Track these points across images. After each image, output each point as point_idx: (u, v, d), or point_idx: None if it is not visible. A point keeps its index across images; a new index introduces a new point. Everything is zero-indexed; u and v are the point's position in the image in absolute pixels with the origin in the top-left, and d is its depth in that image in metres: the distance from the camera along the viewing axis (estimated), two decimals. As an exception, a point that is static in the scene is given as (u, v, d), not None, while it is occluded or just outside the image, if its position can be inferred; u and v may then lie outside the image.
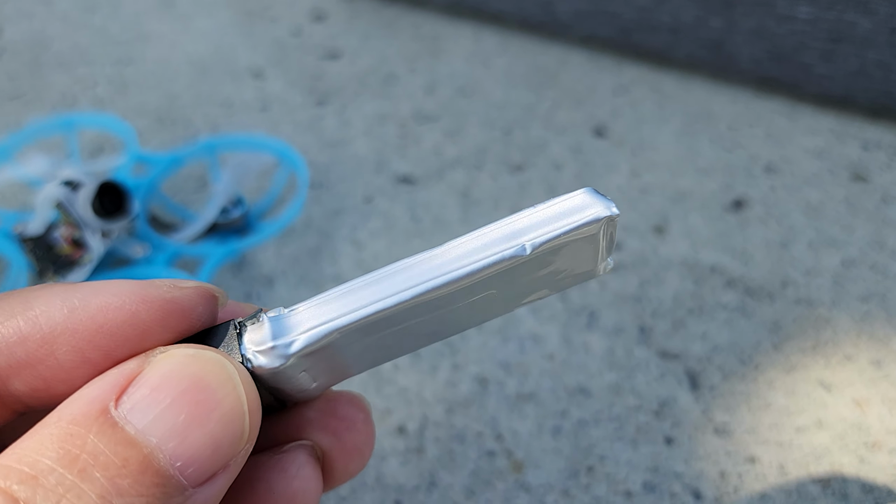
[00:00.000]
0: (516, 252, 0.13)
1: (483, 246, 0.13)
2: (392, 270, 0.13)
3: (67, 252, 0.32)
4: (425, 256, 0.13)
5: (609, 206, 0.13)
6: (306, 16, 0.50)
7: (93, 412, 0.11)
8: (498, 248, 0.13)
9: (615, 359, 0.30)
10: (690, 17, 0.39)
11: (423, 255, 0.13)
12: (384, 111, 0.43)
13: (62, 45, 0.50)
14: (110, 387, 0.11)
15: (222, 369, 0.12)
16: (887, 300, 0.32)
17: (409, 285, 0.13)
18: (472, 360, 0.30)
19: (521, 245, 0.13)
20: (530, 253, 0.13)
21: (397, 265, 0.13)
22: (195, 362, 0.11)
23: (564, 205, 0.13)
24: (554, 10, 0.43)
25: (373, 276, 0.13)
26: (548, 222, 0.13)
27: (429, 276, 0.13)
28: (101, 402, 0.11)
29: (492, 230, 0.13)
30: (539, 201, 0.14)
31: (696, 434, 0.28)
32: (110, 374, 0.11)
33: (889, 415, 0.28)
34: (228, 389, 0.11)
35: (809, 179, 0.38)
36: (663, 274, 0.33)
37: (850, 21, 0.36)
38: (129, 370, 0.11)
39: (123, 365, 0.11)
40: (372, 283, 0.13)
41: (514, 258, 0.13)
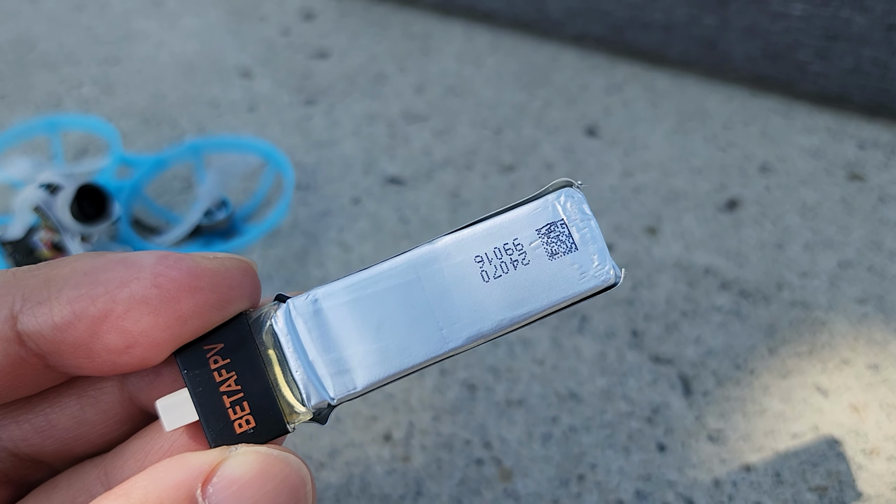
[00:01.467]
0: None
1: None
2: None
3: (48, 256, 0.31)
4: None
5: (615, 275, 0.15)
6: (295, 14, 0.50)
7: (180, 498, 0.11)
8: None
9: (607, 364, 0.29)
10: (683, 15, 0.39)
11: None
12: (373, 111, 0.42)
13: (48, 45, 0.50)
14: (197, 473, 0.12)
15: (300, 474, 0.13)
16: (885, 302, 0.31)
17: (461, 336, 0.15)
18: (460, 365, 0.30)
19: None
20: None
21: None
22: (279, 464, 0.12)
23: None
24: (545, 8, 0.43)
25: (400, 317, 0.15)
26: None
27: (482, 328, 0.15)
28: (189, 489, 0.11)
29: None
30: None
31: (689, 441, 0.27)
32: (193, 458, 0.12)
33: (887, 420, 0.27)
34: (303, 493, 0.13)
35: (805, 179, 0.37)
36: (656, 276, 0.33)
37: (845, 18, 0.35)
38: (212, 458, 0.12)
39: (207, 453, 0.12)
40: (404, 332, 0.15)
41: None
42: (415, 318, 0.15)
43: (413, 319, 0.15)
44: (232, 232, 0.35)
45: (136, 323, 0.13)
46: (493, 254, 0.15)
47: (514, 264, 0.15)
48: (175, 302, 0.13)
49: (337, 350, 0.15)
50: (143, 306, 0.13)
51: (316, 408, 0.14)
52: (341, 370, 0.15)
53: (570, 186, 0.15)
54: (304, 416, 0.14)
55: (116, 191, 0.34)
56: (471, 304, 0.15)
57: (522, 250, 0.15)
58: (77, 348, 0.13)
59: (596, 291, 0.15)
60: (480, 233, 0.15)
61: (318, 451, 0.27)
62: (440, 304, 0.15)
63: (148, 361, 0.13)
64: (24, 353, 0.13)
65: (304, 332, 0.15)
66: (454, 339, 0.15)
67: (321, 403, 0.14)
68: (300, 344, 0.15)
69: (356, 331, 0.15)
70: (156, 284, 0.13)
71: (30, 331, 0.13)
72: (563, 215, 0.15)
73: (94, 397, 0.14)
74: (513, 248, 0.15)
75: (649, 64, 0.44)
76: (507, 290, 0.15)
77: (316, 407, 0.14)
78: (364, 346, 0.15)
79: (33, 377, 0.13)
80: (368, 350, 0.15)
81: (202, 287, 0.13)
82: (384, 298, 0.15)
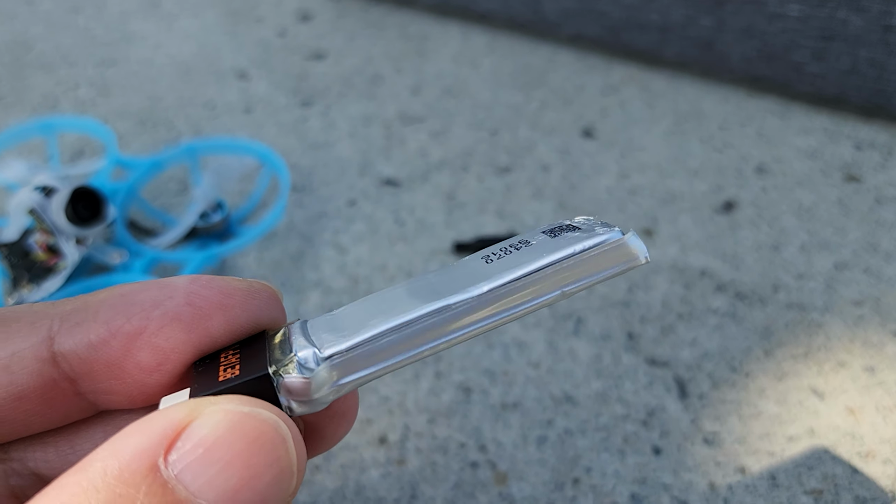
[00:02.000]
0: (556, 297, 0.15)
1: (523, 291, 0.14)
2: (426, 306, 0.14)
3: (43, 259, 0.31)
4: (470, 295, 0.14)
5: (642, 253, 0.15)
6: (292, 16, 0.50)
7: (142, 468, 0.10)
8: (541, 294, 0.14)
9: (602, 366, 0.29)
10: (680, 16, 0.39)
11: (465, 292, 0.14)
12: (369, 112, 0.42)
13: (45, 47, 0.49)
14: (159, 438, 0.11)
15: (277, 431, 0.11)
16: (881, 304, 0.31)
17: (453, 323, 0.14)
18: (455, 367, 0.29)
19: (560, 292, 0.14)
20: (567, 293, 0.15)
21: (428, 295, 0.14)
22: (250, 422, 0.11)
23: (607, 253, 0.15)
24: (541, 9, 0.43)
25: (403, 311, 0.14)
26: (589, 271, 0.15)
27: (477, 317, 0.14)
28: (150, 457, 0.10)
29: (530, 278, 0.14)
30: (526, 204, 0.15)
31: (684, 444, 0.27)
32: (157, 421, 0.11)
33: (883, 423, 0.27)
34: (282, 451, 0.11)
35: (802, 180, 0.37)
36: (652, 278, 0.33)
37: (841, 19, 0.35)
38: (177, 420, 0.11)
39: (170, 412, 0.11)
40: (408, 322, 0.14)
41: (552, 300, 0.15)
42: (416, 297, 0.14)
43: (414, 297, 0.14)
44: (228, 234, 0.35)
45: (168, 339, 0.13)
46: (498, 250, 0.15)
47: (517, 248, 0.15)
48: (207, 319, 0.13)
49: (336, 329, 0.14)
50: (176, 323, 0.13)
51: (302, 357, 0.13)
52: (335, 336, 0.14)
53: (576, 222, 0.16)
54: (290, 366, 0.13)
55: (112, 193, 0.34)
56: (471, 275, 0.15)
57: (527, 241, 0.15)
58: (110, 367, 0.13)
59: (604, 247, 0.15)
60: (495, 244, 0.16)
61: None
62: (442, 283, 0.15)
63: (173, 382, 0.14)
64: (57, 375, 0.13)
65: (315, 325, 0.14)
66: (451, 297, 0.14)
67: (306, 354, 0.13)
68: (306, 331, 0.14)
69: (360, 315, 0.14)
70: (189, 303, 0.13)
71: (66, 351, 0.13)
72: (568, 222, 0.16)
73: (119, 428, 0.14)
74: (518, 243, 0.15)
75: (645, 65, 0.44)
76: (509, 261, 0.15)
77: (302, 356, 0.13)
78: (361, 321, 0.14)
79: (63, 404, 0.14)
80: (365, 317, 0.14)
81: (233, 305, 0.14)
82: (395, 295, 0.15)
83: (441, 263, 0.33)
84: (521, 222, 0.35)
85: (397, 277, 0.33)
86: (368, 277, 0.33)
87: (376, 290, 0.32)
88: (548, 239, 0.15)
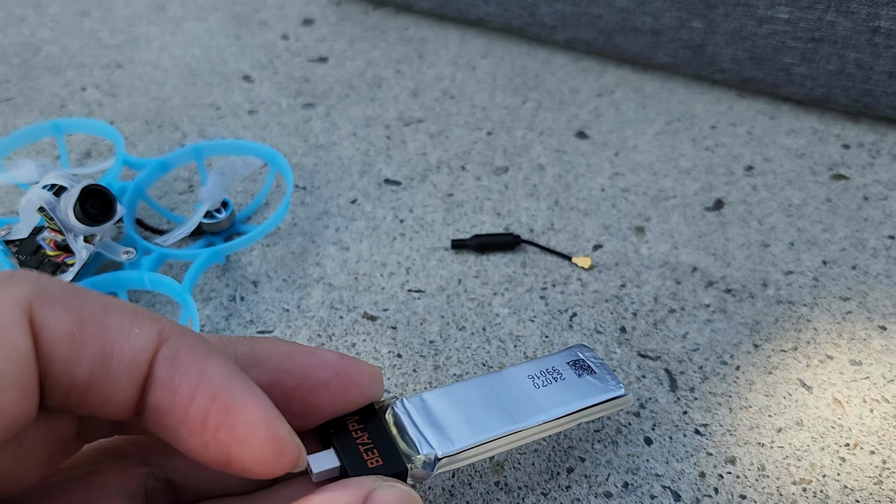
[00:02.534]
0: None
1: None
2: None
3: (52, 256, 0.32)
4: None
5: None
6: (295, 20, 0.51)
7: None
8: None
9: (596, 359, 0.30)
10: (672, 20, 0.40)
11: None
12: (370, 114, 0.43)
13: (52, 49, 0.51)
14: (358, 494, 0.16)
15: (418, 501, 0.18)
16: (868, 299, 0.32)
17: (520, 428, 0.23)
18: (453, 361, 0.30)
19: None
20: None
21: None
22: (408, 497, 0.18)
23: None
24: (537, 14, 0.44)
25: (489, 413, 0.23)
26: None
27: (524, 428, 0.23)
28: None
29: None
30: (522, 202, 0.19)
31: (676, 435, 0.28)
32: (352, 484, 0.17)
33: (869, 415, 0.28)
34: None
35: (791, 179, 0.38)
36: (644, 274, 0.33)
37: (829, 21, 0.36)
38: (367, 485, 0.17)
39: (362, 482, 0.17)
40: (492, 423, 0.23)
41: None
42: (492, 408, 0.23)
43: (490, 409, 0.23)
44: (233, 232, 0.36)
45: (316, 398, 0.19)
46: (539, 374, 0.24)
47: (554, 379, 0.24)
48: (346, 390, 0.19)
49: (438, 426, 0.22)
50: (324, 389, 0.19)
51: (426, 457, 0.21)
52: (443, 437, 0.22)
53: (584, 346, 0.26)
54: (418, 461, 0.21)
55: (119, 192, 0.35)
56: (530, 400, 0.23)
57: (559, 372, 0.24)
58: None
59: (613, 398, 0.24)
60: (531, 364, 0.25)
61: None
62: (509, 400, 0.23)
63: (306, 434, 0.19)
64: None
65: (415, 413, 0.22)
66: (523, 422, 0.23)
67: (430, 455, 0.21)
68: (412, 420, 0.22)
69: (451, 415, 0.23)
70: (336, 374, 0.19)
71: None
72: (582, 356, 0.25)
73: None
74: (553, 371, 0.24)
75: (639, 67, 0.45)
76: (552, 393, 0.24)
77: (426, 456, 0.21)
78: (457, 423, 0.22)
79: None
80: (459, 425, 0.22)
81: (364, 382, 0.20)
82: (469, 397, 0.23)
83: (439, 261, 0.34)
84: (517, 220, 0.36)
85: (396, 275, 0.34)
86: (369, 274, 0.34)
87: (377, 286, 0.33)
88: (574, 376, 0.24)
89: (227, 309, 0.33)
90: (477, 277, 0.34)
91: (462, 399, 0.23)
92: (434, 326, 0.32)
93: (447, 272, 0.34)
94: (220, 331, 0.32)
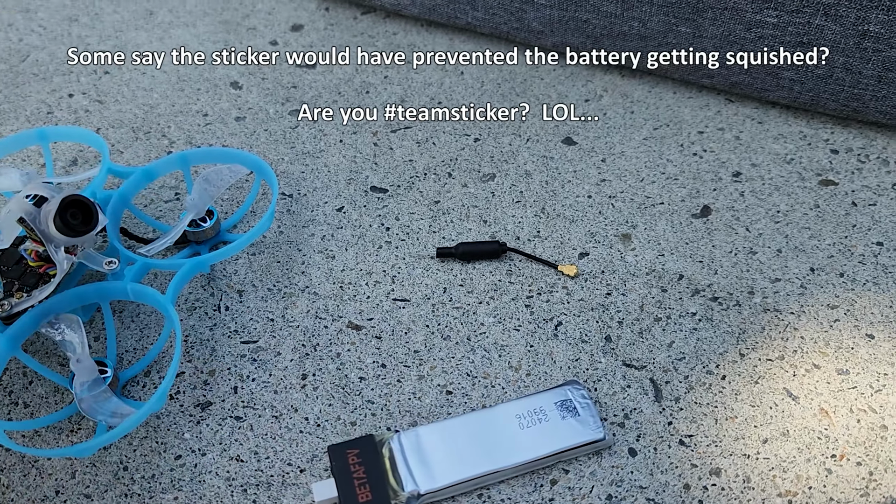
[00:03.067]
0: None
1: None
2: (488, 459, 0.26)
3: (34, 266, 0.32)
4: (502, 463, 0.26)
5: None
6: (284, 25, 0.50)
7: None
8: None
9: (580, 369, 0.30)
10: (659, 24, 0.39)
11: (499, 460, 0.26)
12: (358, 120, 0.43)
13: (40, 56, 0.50)
14: None
15: None
16: (855, 307, 0.32)
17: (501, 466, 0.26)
18: (437, 371, 0.30)
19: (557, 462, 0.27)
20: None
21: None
22: None
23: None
24: (525, 19, 0.43)
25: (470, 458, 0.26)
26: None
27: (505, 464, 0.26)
28: None
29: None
30: (508, 210, 0.20)
31: (661, 446, 0.27)
32: None
33: (856, 425, 0.28)
34: None
35: (779, 185, 0.37)
36: (630, 282, 0.33)
37: (818, 25, 0.36)
38: None
39: None
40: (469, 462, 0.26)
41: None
42: (477, 447, 0.26)
43: (476, 448, 0.26)
44: (218, 241, 0.36)
45: None
46: (526, 414, 0.27)
47: (539, 420, 0.27)
48: None
49: (426, 463, 0.26)
50: None
51: (410, 493, 0.25)
52: (428, 474, 0.25)
53: (576, 383, 0.28)
54: (402, 497, 0.25)
55: (104, 201, 0.35)
56: (512, 441, 0.26)
57: (545, 413, 0.27)
58: None
59: (591, 442, 0.27)
60: (521, 402, 0.28)
61: (299, 457, 0.27)
62: (494, 439, 0.26)
63: None
64: None
65: (408, 449, 0.26)
66: (501, 462, 0.26)
67: (413, 491, 0.25)
68: (404, 456, 0.26)
69: (440, 451, 0.26)
70: None
71: None
72: (570, 396, 0.28)
73: None
74: (539, 411, 0.27)
75: (627, 72, 0.45)
76: (536, 434, 0.27)
77: (410, 493, 0.25)
78: (443, 461, 0.26)
79: None
80: (445, 463, 0.26)
81: None
82: (458, 435, 0.27)
83: (424, 269, 0.34)
84: (503, 228, 0.36)
85: (382, 283, 0.34)
86: (354, 283, 0.34)
87: (362, 295, 0.33)
88: (558, 418, 0.27)
89: (212, 319, 0.33)
90: (462, 286, 0.33)
91: (452, 436, 0.26)
92: (419, 336, 0.31)
93: (432, 280, 0.34)
94: (205, 341, 0.32)
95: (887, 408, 0.28)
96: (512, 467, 0.26)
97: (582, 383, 0.29)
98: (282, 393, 0.29)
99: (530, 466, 0.26)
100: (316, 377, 0.30)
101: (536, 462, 0.26)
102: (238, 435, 0.28)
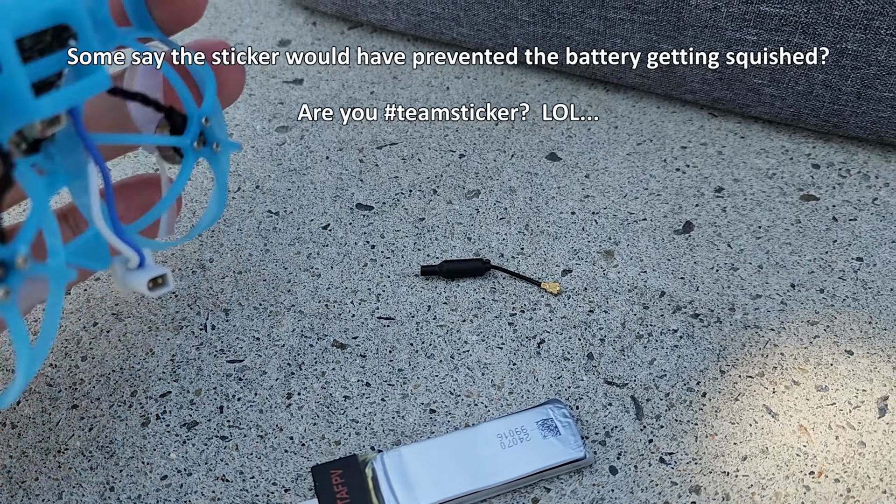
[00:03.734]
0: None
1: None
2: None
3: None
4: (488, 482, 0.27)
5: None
6: (271, 41, 0.51)
7: None
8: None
9: (562, 387, 0.30)
10: (641, 41, 0.40)
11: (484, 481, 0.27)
12: (344, 136, 0.43)
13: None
14: None
15: None
16: (835, 323, 0.32)
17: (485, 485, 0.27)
18: (421, 389, 0.30)
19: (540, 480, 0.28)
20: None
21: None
22: None
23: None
24: (509, 35, 0.44)
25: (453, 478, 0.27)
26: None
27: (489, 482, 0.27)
28: None
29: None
30: (492, 227, 0.21)
31: (641, 464, 0.28)
32: None
33: (834, 442, 0.28)
34: None
35: (761, 200, 0.38)
36: (613, 299, 0.33)
37: (797, 43, 0.36)
38: None
39: None
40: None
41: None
42: (459, 467, 0.27)
43: (458, 467, 0.27)
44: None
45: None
46: (508, 433, 0.27)
47: (521, 439, 0.27)
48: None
49: (408, 483, 0.26)
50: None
51: None
52: (410, 495, 0.26)
53: (558, 401, 0.29)
54: None
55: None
56: (494, 460, 0.27)
57: (526, 432, 0.27)
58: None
59: (571, 461, 0.27)
60: (503, 421, 0.28)
61: (284, 477, 0.27)
62: (475, 459, 0.27)
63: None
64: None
65: (391, 469, 0.27)
66: (483, 482, 0.26)
67: None
68: (387, 476, 0.26)
69: (422, 471, 0.26)
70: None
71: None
72: (552, 415, 0.28)
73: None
74: (520, 430, 0.27)
75: (611, 87, 0.45)
76: (517, 454, 0.27)
77: None
78: (425, 481, 0.26)
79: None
80: (427, 483, 0.26)
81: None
82: (440, 454, 0.27)
83: (409, 287, 0.34)
84: (487, 245, 0.36)
85: (367, 302, 0.34)
86: (339, 301, 0.34)
87: (347, 313, 0.33)
88: (539, 437, 0.27)
89: (199, 338, 0.33)
90: (446, 304, 0.34)
91: (434, 456, 0.27)
92: (403, 354, 0.32)
93: (417, 299, 0.34)
94: (191, 361, 0.32)
95: (865, 424, 0.29)
96: (494, 486, 0.26)
97: (563, 402, 0.29)
98: (267, 412, 0.30)
99: (512, 486, 0.26)
100: (301, 396, 0.30)
101: (518, 481, 0.26)
102: (223, 455, 0.28)
